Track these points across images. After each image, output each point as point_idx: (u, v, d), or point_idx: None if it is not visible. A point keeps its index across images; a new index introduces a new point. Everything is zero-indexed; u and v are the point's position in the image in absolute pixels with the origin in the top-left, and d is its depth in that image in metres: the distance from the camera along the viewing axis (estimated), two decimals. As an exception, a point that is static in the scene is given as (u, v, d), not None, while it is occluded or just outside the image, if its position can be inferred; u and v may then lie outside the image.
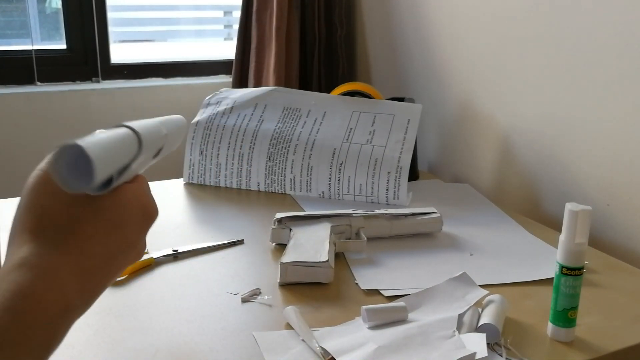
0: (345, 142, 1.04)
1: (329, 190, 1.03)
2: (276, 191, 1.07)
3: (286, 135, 1.07)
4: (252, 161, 1.07)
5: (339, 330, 0.61)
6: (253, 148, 1.07)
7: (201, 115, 1.14)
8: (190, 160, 1.11)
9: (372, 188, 1.00)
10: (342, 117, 1.08)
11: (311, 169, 1.04)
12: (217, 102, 1.16)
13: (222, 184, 1.09)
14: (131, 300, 0.68)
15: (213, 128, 1.11)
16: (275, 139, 1.07)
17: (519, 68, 1.07)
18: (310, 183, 1.04)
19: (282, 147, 1.06)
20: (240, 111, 1.12)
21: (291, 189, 1.06)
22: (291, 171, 1.05)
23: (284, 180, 1.06)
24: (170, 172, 1.56)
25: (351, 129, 1.06)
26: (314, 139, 1.06)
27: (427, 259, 0.80)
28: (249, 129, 1.09)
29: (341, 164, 1.03)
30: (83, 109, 1.48)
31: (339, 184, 1.03)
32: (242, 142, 1.08)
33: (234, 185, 1.09)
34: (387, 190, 1.00)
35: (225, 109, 1.13)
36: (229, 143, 1.09)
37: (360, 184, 1.01)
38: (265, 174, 1.07)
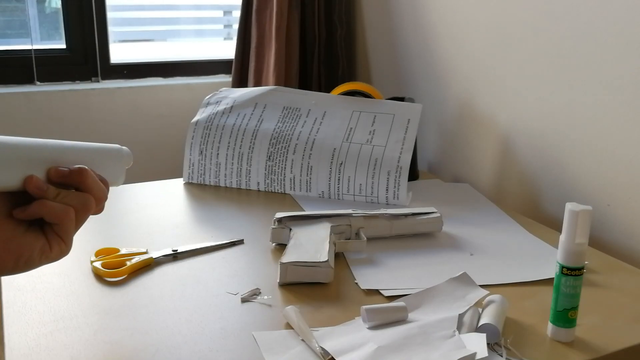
0: (345, 141, 1.04)
1: (329, 190, 1.03)
2: (276, 191, 1.07)
3: (286, 134, 1.07)
4: (252, 161, 1.07)
5: (339, 330, 0.61)
6: (253, 147, 1.07)
7: (201, 115, 1.13)
8: (190, 160, 1.11)
9: (372, 188, 1.00)
10: (342, 117, 1.08)
11: (311, 169, 1.04)
12: (217, 102, 1.16)
13: (222, 184, 1.09)
14: (131, 300, 0.68)
15: (212, 128, 1.11)
16: (275, 138, 1.07)
17: (519, 68, 1.07)
18: (310, 183, 1.04)
19: (282, 146, 1.06)
20: (240, 111, 1.12)
21: (291, 188, 1.06)
22: (291, 171, 1.05)
23: (284, 179, 1.06)
24: (170, 172, 1.57)
25: (351, 128, 1.06)
26: (314, 139, 1.06)
27: (427, 259, 0.80)
28: (249, 128, 1.09)
29: (341, 163, 1.03)
30: (83, 109, 1.48)
31: (338, 184, 1.03)
32: (241, 141, 1.08)
33: (234, 185, 1.09)
34: (387, 190, 1.00)
35: (225, 108, 1.13)
36: (229, 143, 1.09)
37: (360, 184, 1.01)
38: (265, 173, 1.07)
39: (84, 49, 1.52)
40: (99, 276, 0.73)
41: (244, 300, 0.68)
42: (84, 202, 0.55)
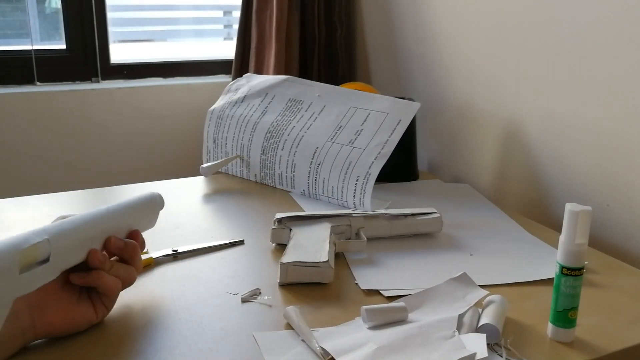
0: (329, 141, 1.03)
1: (308, 189, 1.04)
2: (269, 184, 1.10)
3: (280, 129, 1.08)
4: (251, 153, 1.11)
5: (339, 330, 0.61)
6: (252, 140, 1.11)
7: (218, 103, 1.18)
8: (207, 147, 1.18)
9: (342, 192, 0.99)
10: (337, 113, 1.07)
11: (294, 167, 1.05)
12: (236, 89, 1.20)
13: (231, 172, 1.15)
14: (131, 300, 0.68)
15: (224, 117, 1.15)
16: (270, 132, 1.09)
17: (519, 68, 1.07)
18: (294, 180, 1.05)
19: (274, 141, 1.08)
20: (250, 101, 1.15)
21: (280, 184, 1.08)
22: (279, 166, 1.06)
23: (274, 174, 1.08)
24: (170, 172, 1.57)
25: (341, 126, 1.04)
26: (303, 136, 1.05)
27: (427, 259, 0.80)
28: (251, 120, 1.12)
29: (319, 164, 1.02)
30: (83, 109, 1.48)
31: (315, 184, 1.02)
32: (243, 133, 1.12)
33: (237, 175, 1.14)
34: (354, 195, 0.98)
35: (239, 97, 1.17)
36: (234, 133, 1.13)
37: (333, 187, 1.00)
38: (260, 167, 1.10)
39: (84, 49, 1.52)
40: (99, 276, 0.73)
41: (244, 300, 0.68)
42: (130, 275, 0.62)
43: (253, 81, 1.20)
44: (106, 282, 0.59)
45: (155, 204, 0.71)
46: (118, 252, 0.62)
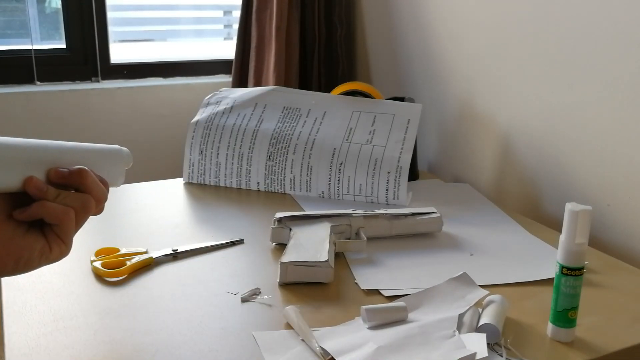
0: (345, 141, 1.04)
1: (329, 190, 1.03)
2: (276, 191, 1.07)
3: (286, 134, 1.07)
4: (252, 161, 1.07)
5: (339, 330, 0.61)
6: (253, 147, 1.07)
7: (201, 115, 1.13)
8: (190, 159, 1.11)
9: (372, 188, 1.01)
10: (342, 117, 1.08)
11: (311, 169, 1.04)
12: (217, 102, 1.16)
13: (222, 184, 1.09)
14: (131, 300, 0.68)
15: (213, 127, 1.11)
16: (275, 138, 1.07)
17: (519, 68, 1.07)
18: (310, 183, 1.04)
19: (282, 146, 1.06)
20: (240, 111, 1.12)
21: (291, 188, 1.06)
22: (291, 171, 1.05)
23: (284, 179, 1.06)
24: (170, 172, 1.57)
25: (351, 128, 1.06)
26: (314, 139, 1.06)
27: (427, 259, 0.80)
28: (249, 128, 1.09)
29: (341, 163, 1.03)
30: (83, 109, 1.48)
31: (338, 184, 1.03)
32: (241, 141, 1.08)
33: (234, 185, 1.09)
34: (387, 190, 1.00)
35: (225, 108, 1.13)
36: (229, 142, 1.09)
37: (360, 184, 1.01)
38: (265, 173, 1.07)
39: (84, 49, 1.52)
40: (99, 276, 0.73)
41: (244, 300, 0.68)
42: (84, 203, 0.55)
43: (235, 93, 1.17)
44: (50, 210, 0.52)
45: (119, 156, 0.63)
46: (63, 181, 0.54)
